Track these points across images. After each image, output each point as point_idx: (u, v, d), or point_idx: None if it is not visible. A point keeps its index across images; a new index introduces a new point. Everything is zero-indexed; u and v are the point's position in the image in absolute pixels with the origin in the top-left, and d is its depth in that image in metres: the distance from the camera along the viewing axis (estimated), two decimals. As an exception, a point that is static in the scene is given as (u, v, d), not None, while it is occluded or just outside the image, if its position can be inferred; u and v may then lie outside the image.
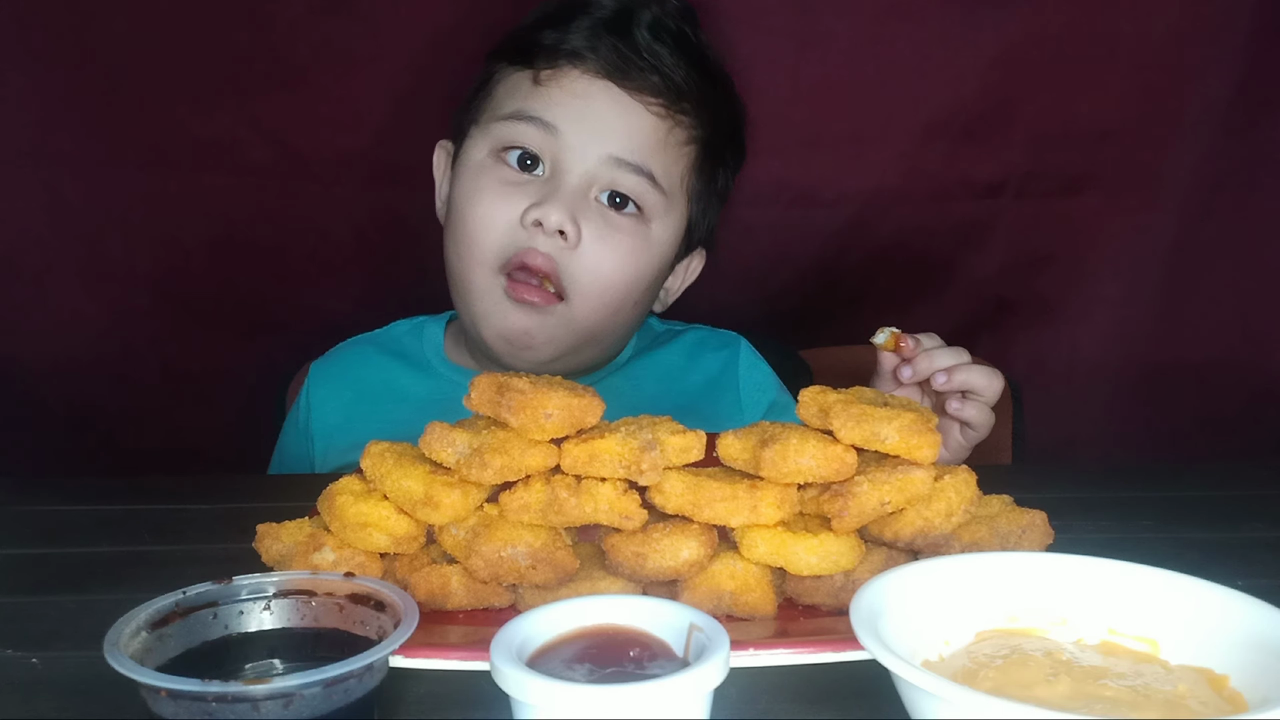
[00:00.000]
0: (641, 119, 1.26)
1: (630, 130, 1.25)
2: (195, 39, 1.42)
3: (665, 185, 1.27)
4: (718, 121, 1.33)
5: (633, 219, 1.26)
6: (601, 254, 1.24)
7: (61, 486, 1.23)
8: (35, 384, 1.54)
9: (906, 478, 0.79)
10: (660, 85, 1.26)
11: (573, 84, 1.25)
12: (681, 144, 1.29)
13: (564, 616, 0.66)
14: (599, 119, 1.25)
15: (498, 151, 1.27)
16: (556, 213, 1.20)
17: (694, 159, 1.31)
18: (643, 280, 1.29)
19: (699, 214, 1.35)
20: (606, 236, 1.24)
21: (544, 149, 1.25)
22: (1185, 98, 1.50)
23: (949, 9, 1.45)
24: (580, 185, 1.24)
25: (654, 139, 1.26)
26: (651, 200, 1.27)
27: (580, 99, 1.25)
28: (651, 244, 1.28)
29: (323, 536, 0.80)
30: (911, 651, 0.65)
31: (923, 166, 1.53)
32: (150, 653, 0.64)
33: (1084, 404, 1.66)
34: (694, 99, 1.28)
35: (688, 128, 1.29)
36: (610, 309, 1.27)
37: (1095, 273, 1.60)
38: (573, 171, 1.24)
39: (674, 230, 1.31)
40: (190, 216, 1.51)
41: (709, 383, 1.40)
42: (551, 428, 0.78)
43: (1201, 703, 0.61)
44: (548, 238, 1.22)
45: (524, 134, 1.25)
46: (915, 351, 1.14)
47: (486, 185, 1.26)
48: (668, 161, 1.28)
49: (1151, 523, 1.06)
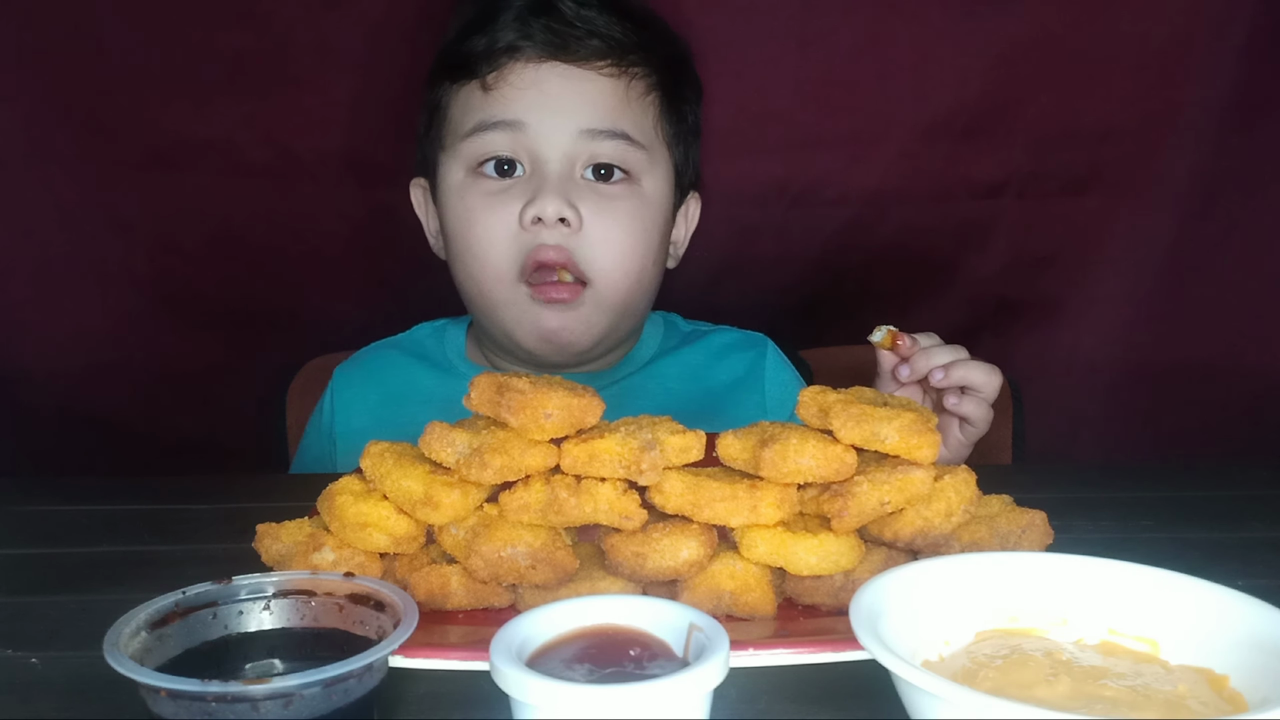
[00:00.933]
0: (597, 85, 1.26)
1: (590, 100, 1.26)
2: (192, 40, 1.42)
3: (642, 140, 1.28)
4: (667, 62, 1.33)
5: (623, 184, 1.27)
6: (607, 228, 1.24)
7: (61, 486, 1.24)
8: (33, 385, 1.54)
9: (906, 478, 0.79)
10: (603, 47, 1.26)
11: (520, 76, 1.25)
12: (643, 95, 1.29)
13: (564, 616, 0.66)
14: (558, 99, 1.25)
15: (473, 169, 1.27)
16: (552, 203, 1.21)
17: (659, 106, 1.31)
18: (652, 240, 1.30)
19: (681, 157, 1.35)
20: (605, 210, 1.25)
21: (516, 149, 1.25)
22: (1186, 98, 1.50)
23: (950, 9, 1.45)
24: (564, 169, 1.24)
25: (616, 99, 1.27)
26: (634, 159, 1.27)
27: (533, 88, 1.25)
28: (648, 202, 1.29)
29: (322, 536, 0.80)
30: (911, 651, 0.65)
31: (924, 166, 1.52)
32: (150, 653, 0.64)
33: (1084, 404, 1.66)
34: (639, 49, 1.29)
35: (643, 78, 1.29)
36: (633, 277, 1.28)
37: (1096, 273, 1.60)
38: (551, 159, 1.24)
39: (664, 181, 1.32)
40: (188, 217, 1.51)
41: (735, 383, 1.40)
42: (551, 428, 0.78)
43: (1201, 703, 0.61)
44: (551, 229, 1.22)
45: (492, 142, 1.25)
46: (913, 350, 1.15)
47: (475, 203, 1.26)
48: (636, 116, 1.28)
49: (1151, 523, 1.06)
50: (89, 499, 1.12)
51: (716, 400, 1.37)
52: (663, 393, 1.37)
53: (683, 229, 1.40)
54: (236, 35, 1.42)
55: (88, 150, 1.47)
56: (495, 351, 1.37)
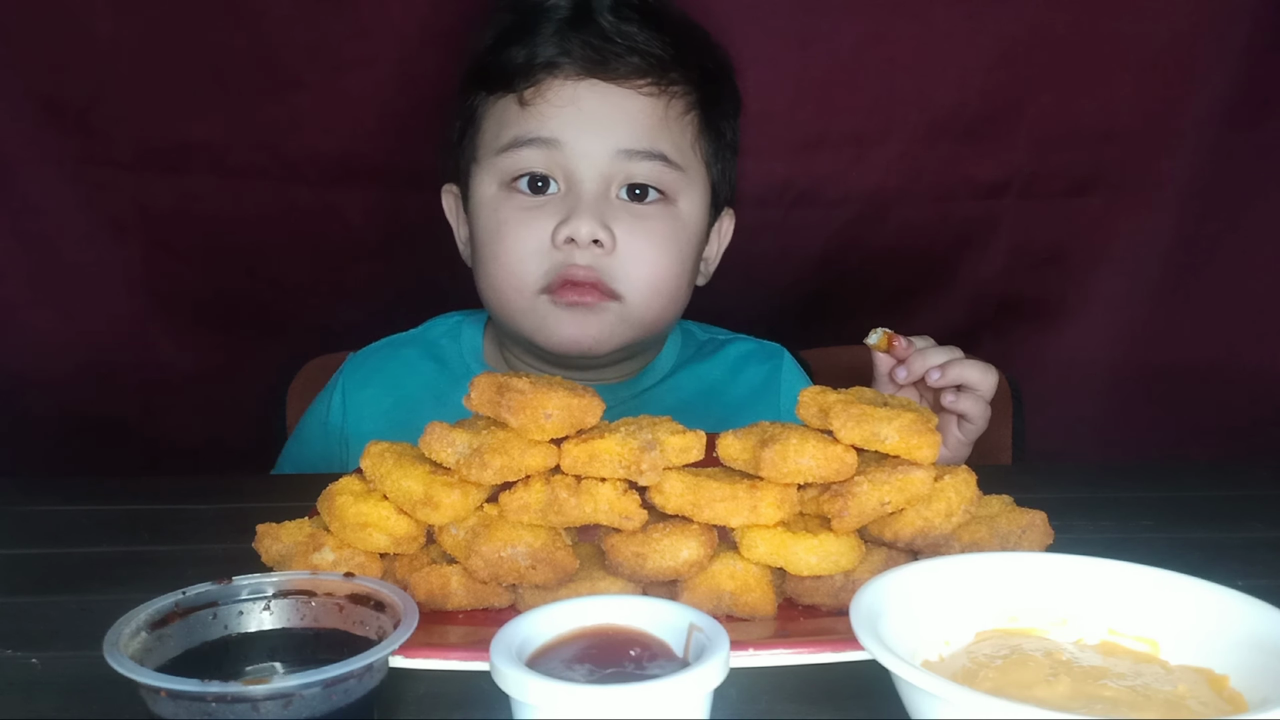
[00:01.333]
0: (636, 104, 1.24)
1: (629, 119, 1.24)
2: (187, 42, 1.42)
3: (679, 160, 1.26)
4: (707, 77, 1.31)
5: (658, 205, 1.26)
6: (640, 249, 1.23)
7: (61, 486, 1.24)
8: (32, 386, 1.54)
9: (906, 478, 0.79)
10: (642, 65, 1.24)
11: (558, 93, 1.23)
12: (681, 114, 1.28)
13: (564, 616, 0.66)
14: (595, 118, 1.23)
15: (506, 183, 1.26)
16: (586, 224, 1.20)
17: (698, 124, 1.30)
18: (685, 261, 1.29)
19: (719, 175, 1.34)
20: (639, 231, 1.23)
21: (551, 166, 1.24)
22: (1188, 98, 1.50)
23: (952, 9, 1.45)
24: (599, 189, 1.23)
25: (654, 119, 1.25)
26: (670, 180, 1.26)
27: (571, 106, 1.23)
28: (683, 223, 1.28)
29: (322, 537, 0.80)
30: (911, 652, 0.65)
31: (925, 166, 1.53)
32: (150, 653, 0.64)
33: (1085, 404, 1.66)
34: (679, 66, 1.27)
35: (682, 96, 1.27)
36: (665, 297, 1.27)
37: (1097, 273, 1.60)
38: (587, 178, 1.23)
39: (700, 202, 1.30)
40: (185, 219, 1.51)
41: (751, 395, 1.40)
42: (551, 428, 0.78)
43: (1201, 703, 0.61)
44: (583, 250, 1.21)
45: (527, 159, 1.24)
46: (909, 351, 1.15)
47: (507, 217, 1.25)
48: (674, 136, 1.26)
49: (1151, 523, 1.06)
50: (89, 499, 1.12)
51: (733, 412, 1.37)
52: (678, 406, 1.37)
53: (715, 245, 1.39)
54: (232, 36, 1.42)
55: (84, 152, 1.46)
56: (516, 351, 1.36)
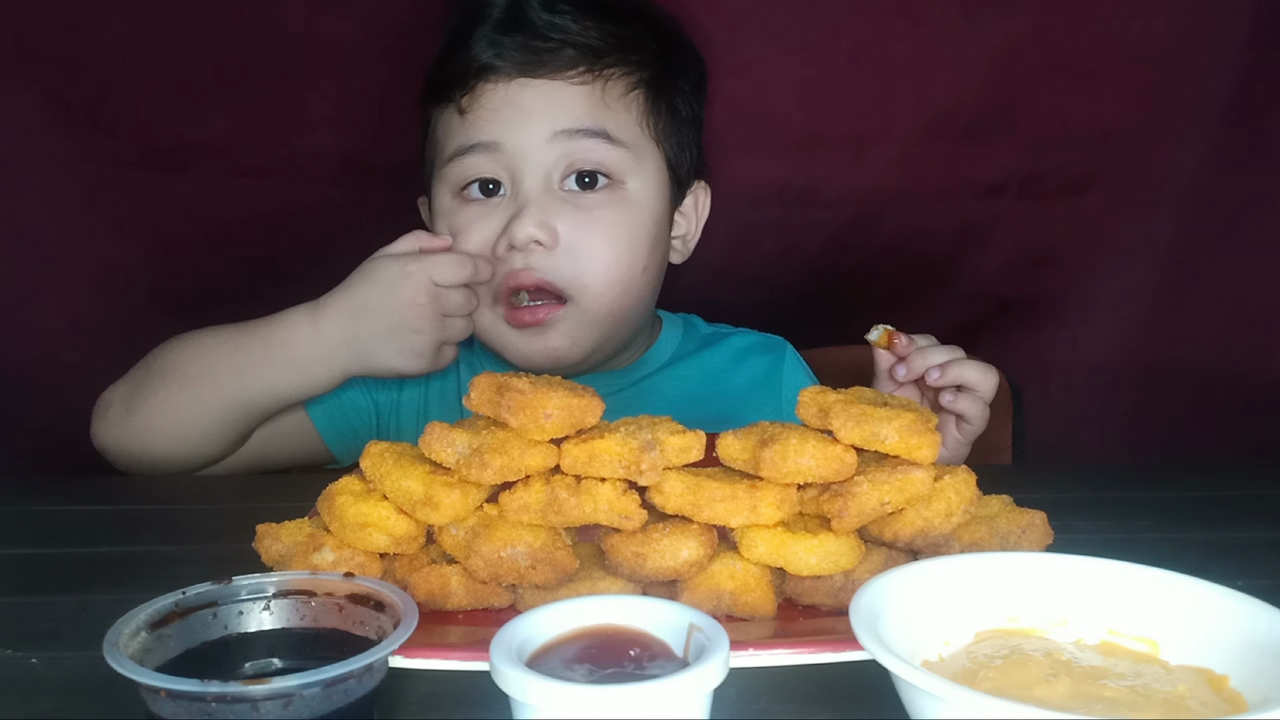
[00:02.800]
0: (570, 93, 1.24)
1: (563, 105, 1.23)
2: (190, 40, 1.42)
3: (623, 138, 1.25)
4: (657, 56, 1.30)
5: (605, 192, 1.25)
6: (585, 242, 1.22)
7: (61, 486, 1.24)
8: (33, 385, 1.54)
9: (906, 478, 0.79)
10: (576, 56, 1.24)
11: (492, 97, 1.24)
12: (623, 94, 1.26)
13: (564, 616, 0.66)
14: (530, 113, 1.23)
15: (458, 191, 1.27)
16: (522, 226, 1.20)
17: (644, 102, 1.28)
18: (640, 245, 1.27)
19: (675, 150, 1.32)
20: (584, 224, 1.23)
21: (495, 169, 1.24)
22: (1186, 98, 1.50)
23: (950, 9, 1.44)
24: (542, 183, 1.23)
25: (590, 103, 1.24)
26: (615, 159, 1.24)
27: (506, 106, 1.23)
28: (633, 205, 1.26)
29: (322, 537, 0.80)
30: (911, 652, 0.65)
31: (924, 166, 1.52)
32: (150, 653, 0.64)
33: (1084, 404, 1.66)
34: (617, 50, 1.26)
35: (622, 77, 1.26)
36: (619, 287, 1.26)
37: (1096, 272, 1.60)
38: (528, 174, 1.23)
39: (654, 180, 1.28)
40: (187, 218, 1.51)
41: (752, 386, 1.40)
42: (551, 428, 0.78)
43: (1201, 703, 0.61)
44: (524, 253, 1.21)
45: (472, 165, 1.24)
46: (909, 349, 1.15)
47: (460, 225, 1.26)
48: (617, 116, 1.25)
49: (1151, 523, 1.06)
50: (89, 499, 1.12)
51: (733, 404, 1.37)
52: (679, 395, 1.37)
53: (692, 222, 1.38)
54: (235, 35, 1.42)
55: (86, 150, 1.46)
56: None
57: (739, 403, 1.37)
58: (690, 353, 1.43)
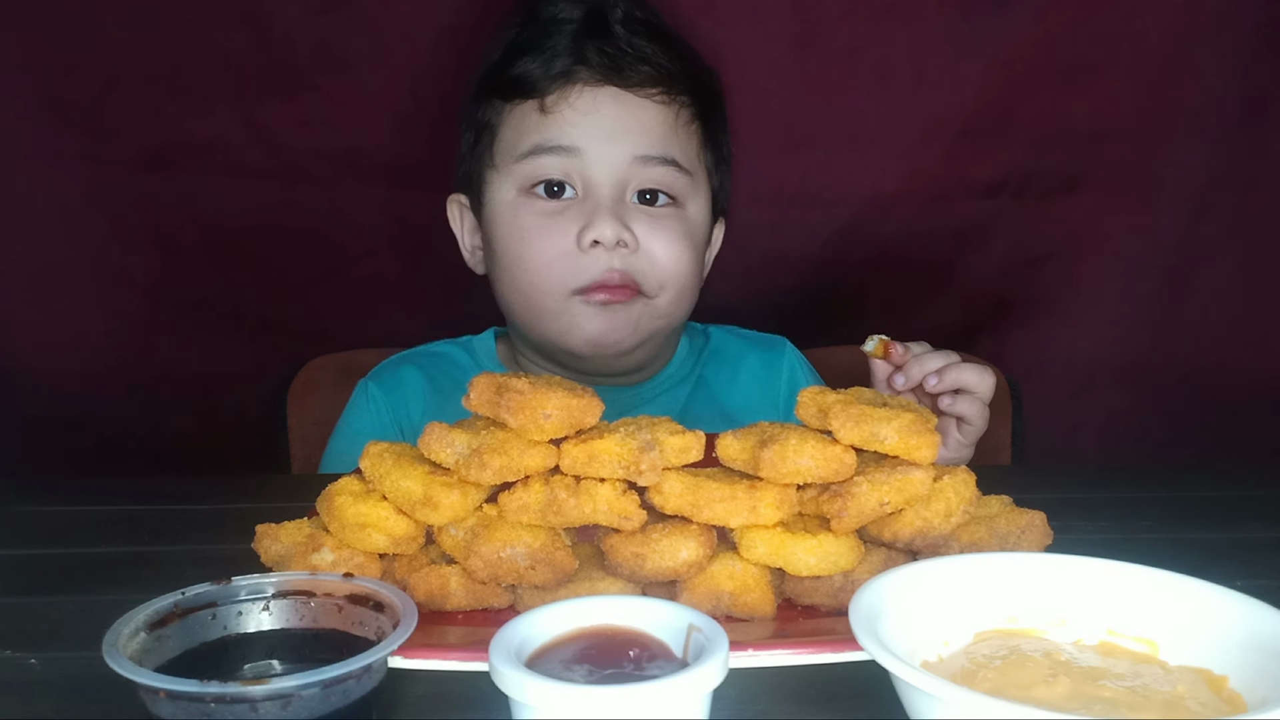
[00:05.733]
0: (650, 112, 1.29)
1: (644, 127, 1.28)
2: (193, 41, 1.42)
3: (688, 167, 1.31)
4: (705, 92, 1.36)
5: (669, 208, 1.30)
6: (660, 247, 1.27)
7: (61, 486, 1.24)
8: (33, 386, 1.54)
9: (906, 478, 0.79)
10: (654, 75, 1.29)
11: (579, 100, 1.27)
12: (688, 123, 1.32)
13: (563, 617, 0.66)
14: (614, 125, 1.27)
15: (526, 189, 1.28)
16: (610, 227, 1.23)
17: (701, 134, 1.34)
18: (698, 258, 1.34)
19: (718, 184, 1.38)
20: (657, 230, 1.27)
21: (570, 172, 1.27)
22: (1184, 98, 1.50)
23: (948, 10, 1.45)
24: (616, 194, 1.27)
25: (666, 127, 1.29)
26: (680, 185, 1.30)
27: (591, 113, 1.27)
28: (692, 225, 1.32)
29: (322, 537, 0.80)
30: (910, 652, 0.65)
31: (922, 167, 1.53)
32: (149, 653, 0.64)
33: (1083, 404, 1.66)
34: (684, 77, 1.32)
35: (688, 106, 1.32)
36: (686, 292, 1.32)
37: (1094, 272, 1.60)
38: (604, 183, 1.26)
39: (704, 207, 1.35)
40: (187, 218, 1.51)
41: (756, 386, 1.43)
42: (550, 428, 0.78)
43: (1201, 703, 0.61)
44: (609, 252, 1.24)
45: (547, 165, 1.27)
46: (905, 357, 1.15)
47: (529, 223, 1.27)
48: (683, 143, 1.31)
49: (1151, 523, 1.06)
50: (89, 499, 1.12)
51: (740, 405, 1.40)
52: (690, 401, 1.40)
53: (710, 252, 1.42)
54: (237, 36, 1.42)
55: (87, 151, 1.46)
56: (533, 357, 1.38)
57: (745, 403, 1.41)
58: (696, 359, 1.46)
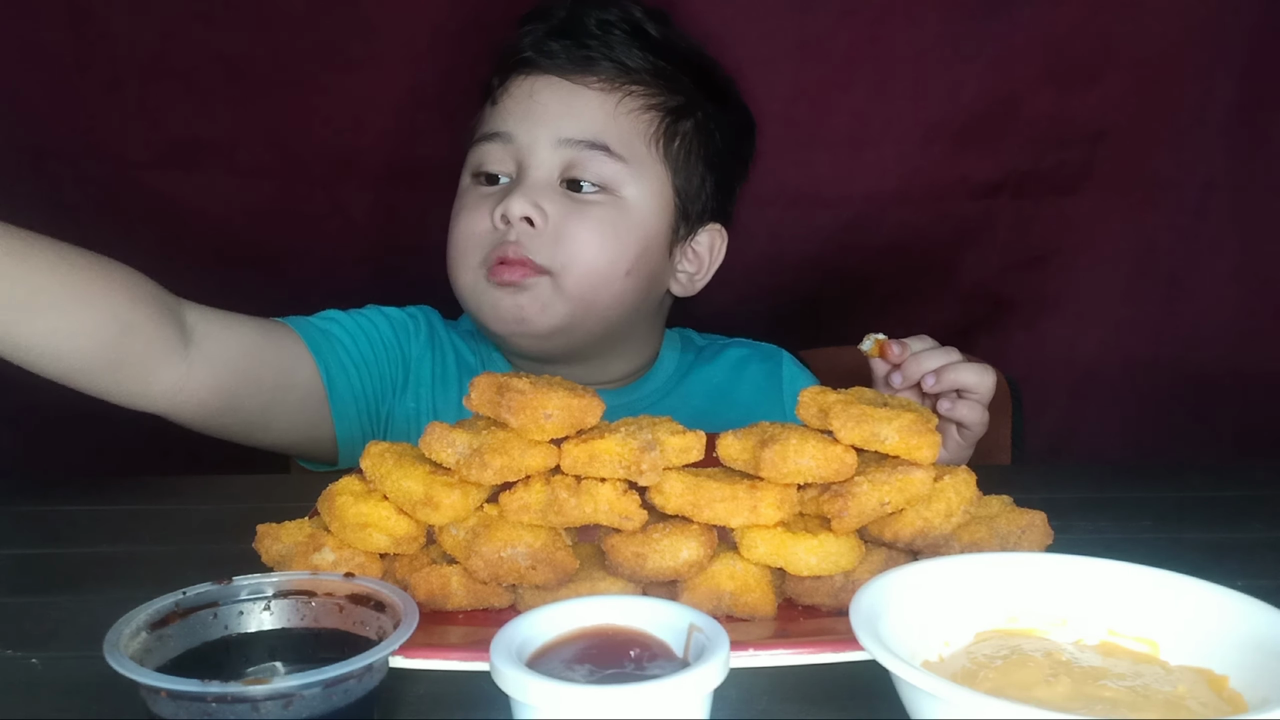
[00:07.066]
0: (584, 98, 1.28)
1: (574, 111, 1.28)
2: (194, 40, 1.42)
3: (623, 153, 1.28)
4: (691, 93, 1.33)
5: (599, 194, 1.28)
6: (573, 228, 1.25)
7: (61, 486, 1.24)
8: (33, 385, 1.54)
9: (906, 478, 0.79)
10: (605, 66, 1.28)
11: (519, 89, 1.29)
12: (634, 111, 1.29)
13: (564, 617, 0.66)
14: (544, 110, 1.28)
15: (473, 175, 1.32)
16: (517, 202, 1.23)
17: (661, 123, 1.31)
18: (625, 246, 1.28)
19: (687, 182, 1.33)
20: (575, 212, 1.26)
21: (504, 160, 1.29)
22: (1184, 98, 1.50)
23: (948, 10, 1.45)
24: (542, 177, 1.26)
25: (601, 113, 1.28)
26: (611, 171, 1.27)
27: (525, 100, 1.29)
28: (627, 210, 1.28)
29: (323, 537, 0.80)
30: (911, 652, 0.65)
31: (922, 167, 1.53)
32: (150, 653, 0.64)
33: (1083, 404, 1.66)
34: (647, 76, 1.30)
35: (640, 95, 1.30)
36: (598, 275, 1.27)
37: (1094, 272, 1.60)
38: (531, 167, 1.27)
39: (652, 194, 1.30)
40: (189, 217, 1.51)
41: (756, 398, 1.41)
42: (551, 428, 0.78)
43: (1201, 703, 0.61)
44: (515, 228, 1.24)
45: (487, 153, 1.30)
46: (903, 356, 1.14)
47: (464, 204, 1.31)
48: (623, 131, 1.29)
49: (1151, 523, 1.06)
50: (89, 499, 1.12)
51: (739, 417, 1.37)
52: (685, 409, 1.37)
53: (704, 263, 1.38)
54: (238, 35, 1.42)
55: (89, 150, 1.47)
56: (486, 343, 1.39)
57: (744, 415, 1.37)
58: (689, 367, 1.44)
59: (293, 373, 1.25)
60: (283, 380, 1.24)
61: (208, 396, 1.15)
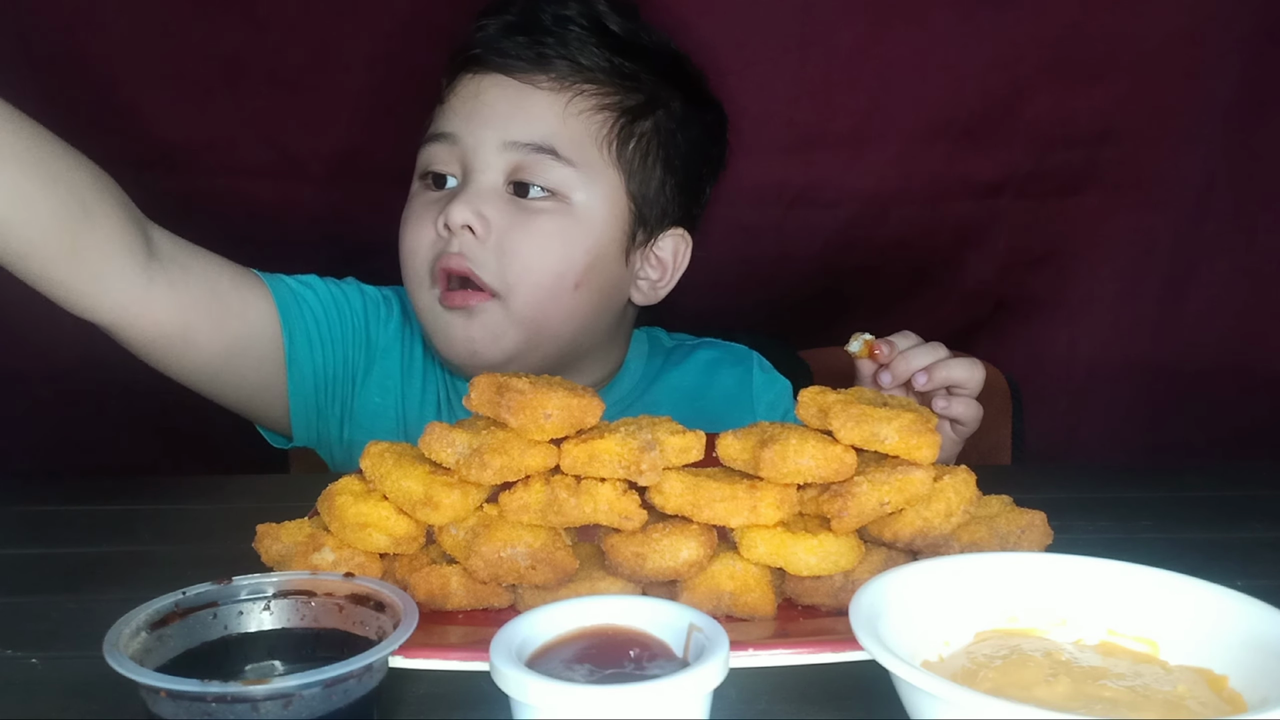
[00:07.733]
0: (531, 98, 1.23)
1: (520, 112, 1.22)
2: (191, 40, 1.42)
3: (572, 157, 1.23)
4: (653, 93, 1.28)
5: (547, 200, 1.23)
6: (518, 240, 1.20)
7: (61, 486, 1.24)
8: (34, 384, 1.54)
9: (906, 478, 0.79)
10: (558, 64, 1.23)
11: (465, 88, 1.25)
12: (585, 112, 1.24)
13: (564, 617, 0.66)
14: (489, 111, 1.23)
15: (421, 178, 1.28)
16: (458, 210, 1.19)
17: (615, 126, 1.25)
18: (574, 258, 1.23)
19: (643, 186, 1.27)
20: (521, 222, 1.21)
21: (449, 162, 1.24)
22: (1185, 98, 1.50)
23: (949, 10, 1.45)
24: (486, 181, 1.22)
25: (550, 114, 1.23)
26: (559, 176, 1.22)
27: (470, 99, 1.24)
28: (578, 217, 1.23)
29: (322, 537, 0.80)
30: (911, 652, 0.65)
31: (923, 167, 1.53)
32: (150, 653, 0.64)
33: (1083, 404, 1.66)
34: (601, 75, 1.25)
35: (593, 95, 1.24)
36: (545, 291, 1.22)
37: (1094, 272, 1.60)
38: (476, 170, 1.22)
39: (604, 200, 1.25)
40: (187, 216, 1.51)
41: (726, 401, 1.39)
42: (551, 428, 0.78)
43: (1201, 703, 0.61)
44: (457, 237, 1.20)
45: (433, 155, 1.25)
46: (891, 356, 1.13)
47: (412, 211, 1.27)
48: (574, 134, 1.23)
49: (1151, 523, 1.06)
50: (89, 499, 1.12)
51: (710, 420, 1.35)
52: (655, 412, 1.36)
53: (668, 270, 1.33)
54: (237, 35, 1.42)
55: (88, 150, 1.46)
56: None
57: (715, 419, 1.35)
58: (658, 372, 1.40)
59: (255, 326, 1.22)
60: (244, 330, 1.21)
61: (164, 320, 1.12)
